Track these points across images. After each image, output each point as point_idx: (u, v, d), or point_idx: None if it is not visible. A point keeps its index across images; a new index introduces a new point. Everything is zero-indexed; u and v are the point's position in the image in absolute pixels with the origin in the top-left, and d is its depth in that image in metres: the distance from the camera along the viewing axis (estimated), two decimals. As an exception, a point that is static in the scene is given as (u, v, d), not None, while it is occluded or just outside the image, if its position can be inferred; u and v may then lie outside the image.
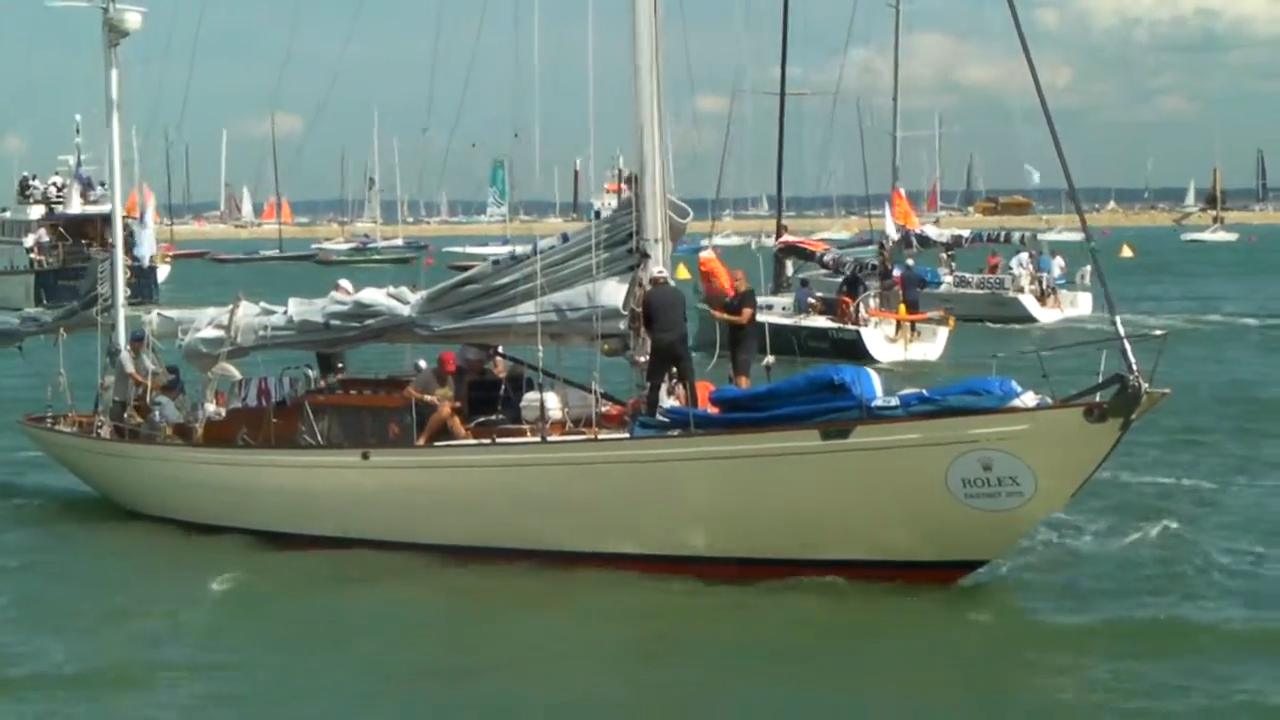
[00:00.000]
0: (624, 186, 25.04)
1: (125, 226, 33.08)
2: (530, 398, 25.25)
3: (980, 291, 69.96)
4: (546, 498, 23.70)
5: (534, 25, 25.85)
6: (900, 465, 21.43)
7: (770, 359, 25.34)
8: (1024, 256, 70.49)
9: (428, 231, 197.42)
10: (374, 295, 27.38)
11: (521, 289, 25.33)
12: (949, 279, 69.18)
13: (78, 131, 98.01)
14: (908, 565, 22.11)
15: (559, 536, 23.77)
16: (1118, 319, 20.70)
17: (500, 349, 26.99)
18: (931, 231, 74.11)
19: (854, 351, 47.98)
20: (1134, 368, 20.35)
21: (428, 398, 25.25)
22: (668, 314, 24.11)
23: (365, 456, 25.27)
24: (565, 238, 25.66)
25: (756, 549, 22.61)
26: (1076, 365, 22.96)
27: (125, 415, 29.68)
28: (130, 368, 29.92)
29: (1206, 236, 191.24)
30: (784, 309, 39.00)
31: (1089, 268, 23.41)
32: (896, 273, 46.80)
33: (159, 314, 30.38)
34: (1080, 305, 67.38)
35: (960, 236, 76.24)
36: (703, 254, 31.15)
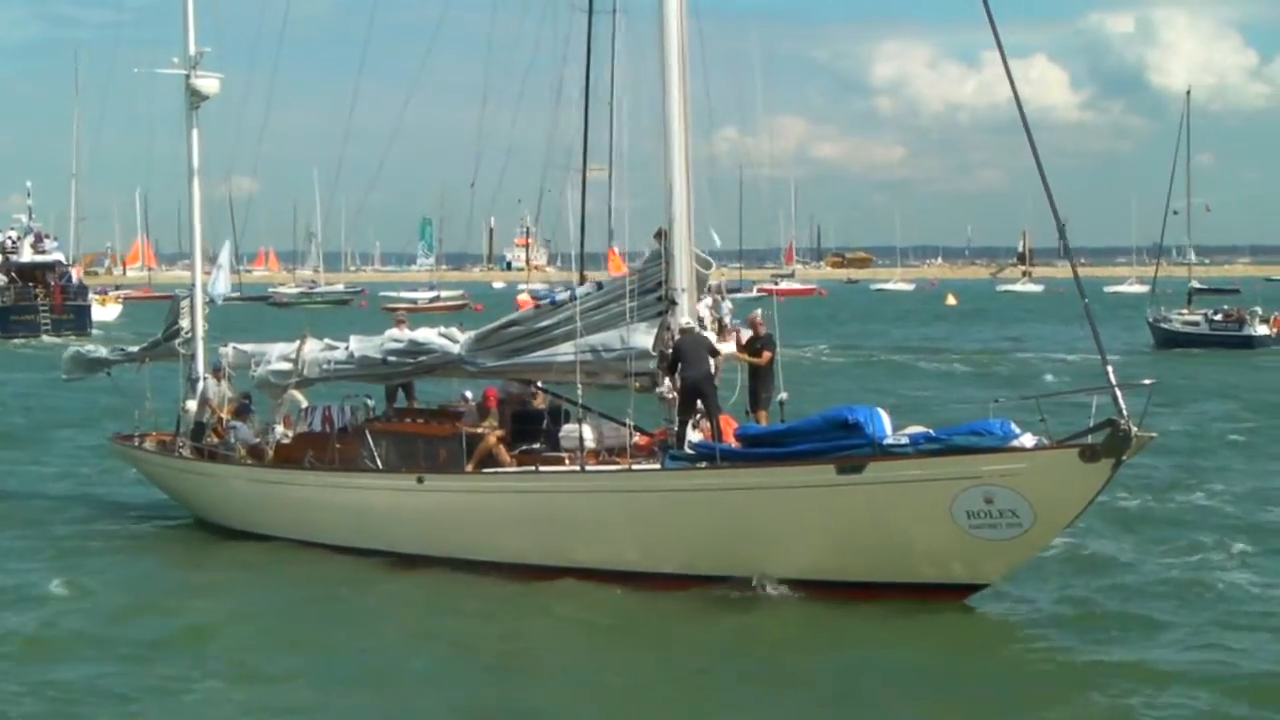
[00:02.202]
0: (655, 239, 23.79)
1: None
2: (568, 429, 24.19)
3: None
4: (584, 521, 22.58)
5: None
6: (909, 497, 20.30)
7: (784, 395, 24.09)
8: (709, 300, 69.16)
9: (364, 278, 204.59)
10: (427, 335, 26.41)
11: (561, 331, 24.37)
12: None
13: (29, 195, 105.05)
14: (916, 587, 20.85)
15: (594, 556, 22.60)
16: (1109, 367, 19.49)
17: (540, 384, 25.86)
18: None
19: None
20: (1124, 412, 19.16)
21: (477, 429, 24.13)
22: (694, 356, 23.00)
23: (420, 480, 24.09)
24: (600, 286, 24.56)
25: (777, 570, 21.40)
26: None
27: (204, 436, 28.51)
28: (211, 394, 28.83)
29: (1017, 287, 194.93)
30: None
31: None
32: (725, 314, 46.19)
33: (234, 347, 29.20)
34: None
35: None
36: (519, 298, 30.57)
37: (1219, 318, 78.83)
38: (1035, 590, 21.79)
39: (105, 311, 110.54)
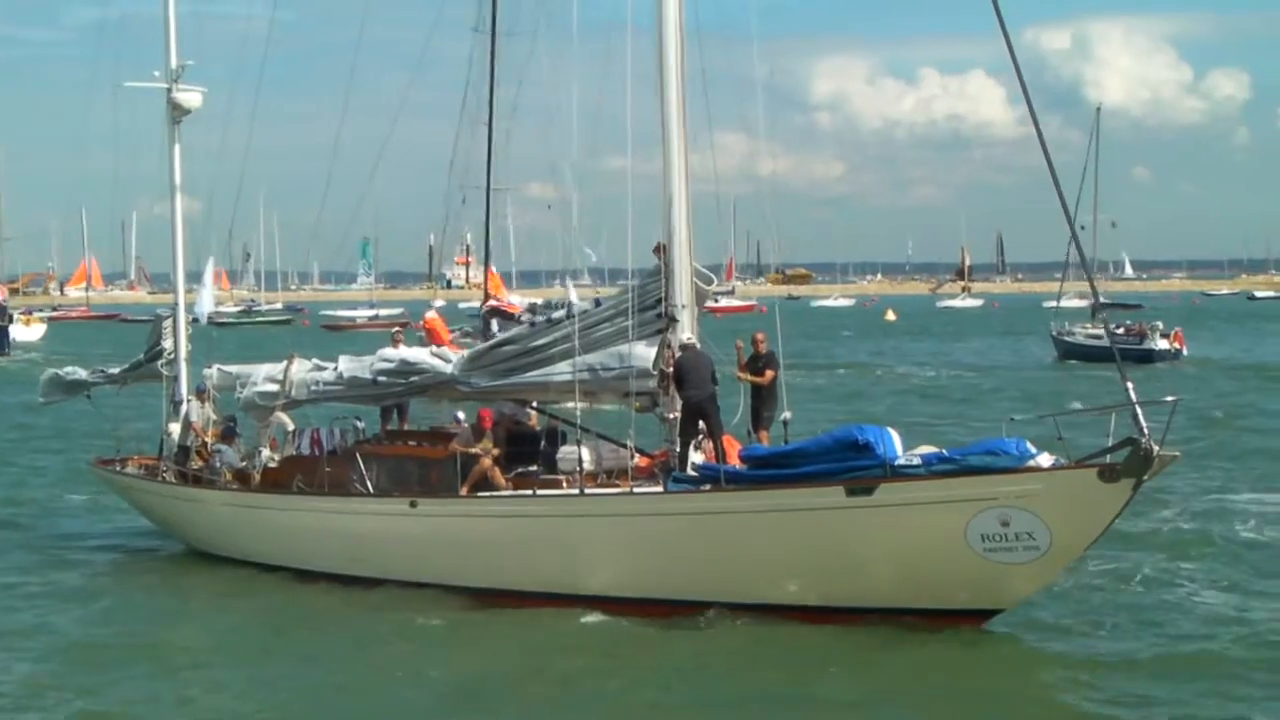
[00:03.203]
0: (654, 254, 23.11)
1: None
2: (566, 450, 23.50)
3: None
4: (584, 546, 21.92)
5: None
6: (922, 520, 19.64)
7: (788, 414, 23.44)
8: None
9: (304, 297, 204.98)
10: (419, 354, 25.67)
11: (557, 349, 23.69)
12: None
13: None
14: (928, 613, 20.20)
15: (595, 582, 21.94)
16: (1130, 385, 18.83)
17: (535, 404, 25.19)
18: (518, 299, 70.98)
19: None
20: (1145, 431, 18.51)
21: (471, 451, 23.44)
22: (697, 375, 22.41)
23: (413, 504, 23.40)
24: (598, 303, 23.82)
25: (783, 597, 20.73)
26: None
27: (188, 460, 27.80)
28: (195, 417, 28.11)
29: (956, 303, 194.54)
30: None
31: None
32: None
33: (219, 368, 28.49)
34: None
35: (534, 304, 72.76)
36: (426, 314, 30.36)
37: (1121, 332, 78.64)
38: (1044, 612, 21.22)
39: (28, 332, 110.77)
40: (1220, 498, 31.21)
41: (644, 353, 22.89)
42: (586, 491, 22.19)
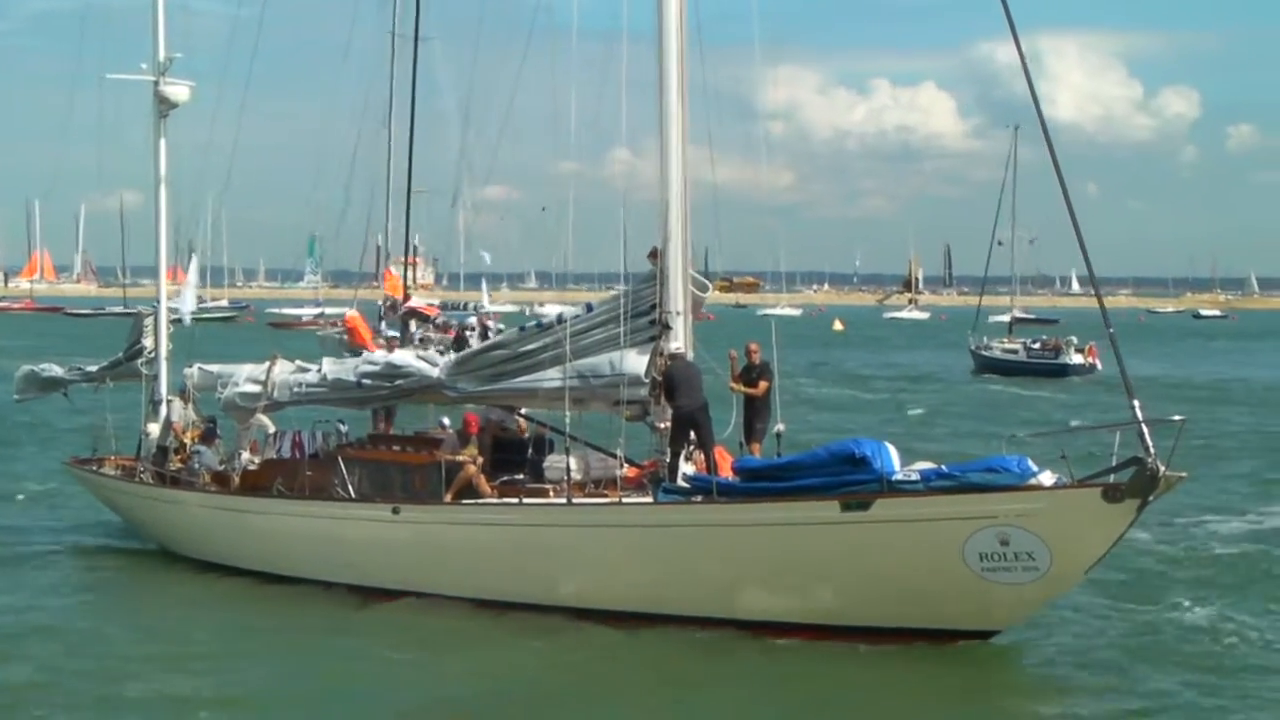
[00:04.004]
0: (649, 259, 22.59)
1: None
2: (553, 459, 22.98)
3: None
4: (571, 557, 21.38)
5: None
6: (919, 538, 19.13)
7: (781, 426, 22.94)
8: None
9: (249, 294, 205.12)
10: (404, 357, 25.19)
11: (547, 355, 23.11)
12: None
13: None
14: (923, 632, 19.68)
15: (580, 594, 21.40)
16: (1136, 402, 18.31)
17: (523, 410, 24.67)
18: (416, 301, 69.84)
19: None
20: (1151, 450, 18.01)
21: (457, 457, 22.91)
22: (689, 384, 21.89)
23: (396, 511, 22.87)
24: (589, 308, 23.23)
25: (775, 613, 20.21)
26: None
27: (167, 461, 27.21)
28: (175, 417, 27.50)
29: (903, 315, 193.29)
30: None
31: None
32: (489, 334, 45.76)
33: (200, 368, 27.91)
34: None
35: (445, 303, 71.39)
36: (347, 313, 30.58)
37: (1037, 346, 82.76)
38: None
39: None
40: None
41: (636, 360, 22.35)
42: (574, 501, 21.67)
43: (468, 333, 41.61)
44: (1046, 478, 18.93)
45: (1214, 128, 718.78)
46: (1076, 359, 79.80)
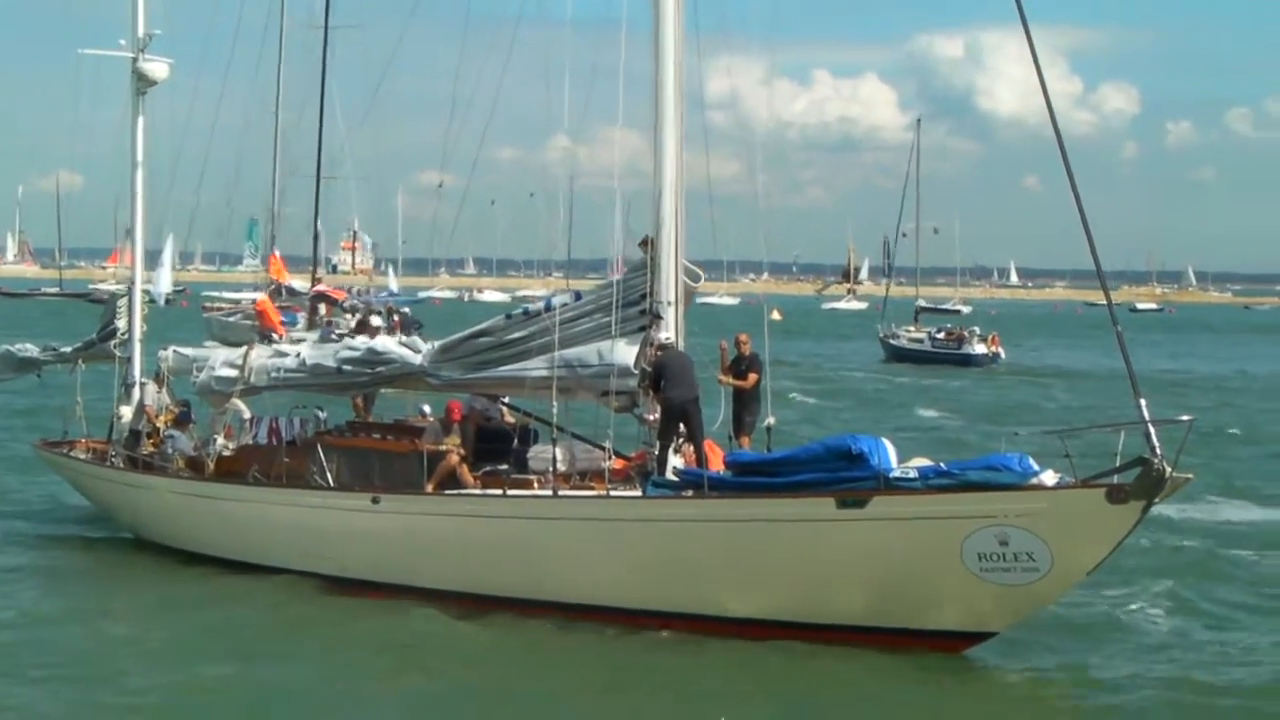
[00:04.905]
0: (640, 248, 22.01)
1: None
2: (538, 449, 22.35)
3: None
4: (556, 551, 20.73)
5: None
6: (916, 536, 18.58)
7: (771, 419, 22.40)
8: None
9: (188, 277, 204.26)
10: (387, 343, 24.45)
11: (534, 344, 22.43)
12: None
13: None
14: (919, 633, 19.14)
15: (565, 589, 20.77)
16: (1142, 401, 17.77)
17: (507, 399, 24.05)
18: (296, 284, 69.07)
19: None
20: (1158, 451, 17.49)
21: (440, 447, 22.27)
22: (680, 375, 21.25)
23: (375, 500, 22.23)
24: (578, 296, 22.62)
25: (766, 611, 19.64)
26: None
27: (139, 445, 26.52)
28: (149, 400, 26.82)
29: (841, 305, 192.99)
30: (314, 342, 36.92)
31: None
32: (396, 317, 45.36)
33: (175, 350, 27.25)
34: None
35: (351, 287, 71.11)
36: (258, 297, 29.25)
37: (941, 336, 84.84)
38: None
39: None
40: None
41: (625, 350, 21.75)
42: (560, 493, 21.07)
43: (372, 317, 40.75)
44: (1048, 477, 18.36)
45: (1153, 124, 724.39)
46: (980, 349, 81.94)
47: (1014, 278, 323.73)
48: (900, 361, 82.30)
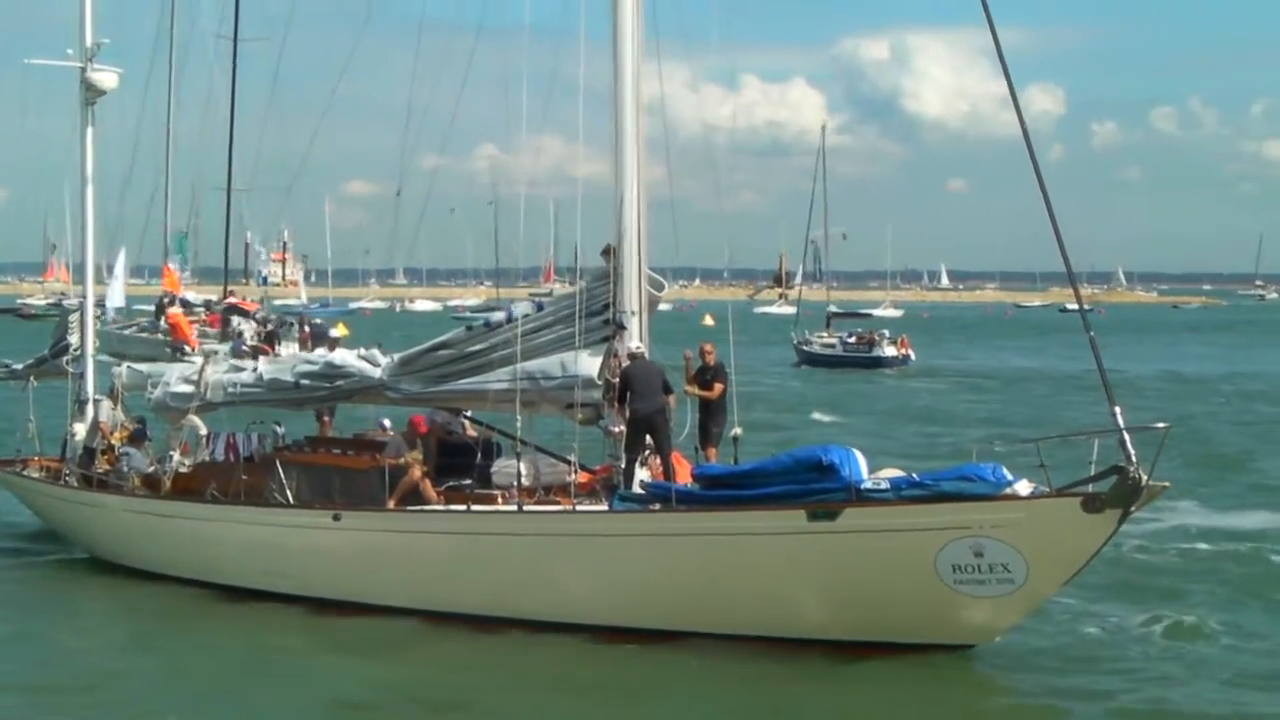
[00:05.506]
0: (602, 256, 21.61)
1: None
2: (502, 463, 21.91)
3: None
4: (521, 567, 20.29)
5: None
6: (889, 548, 18.23)
7: (738, 430, 22.02)
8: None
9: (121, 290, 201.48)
10: (345, 356, 23.95)
11: (496, 355, 22.00)
12: None
13: None
14: (893, 646, 18.76)
15: (531, 606, 20.32)
16: (1117, 409, 17.45)
17: (469, 413, 23.60)
18: (191, 296, 68.25)
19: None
20: (1133, 459, 17.17)
21: (402, 462, 21.80)
22: (646, 386, 20.88)
23: (336, 517, 21.75)
24: (540, 306, 22.19)
25: (738, 625, 19.23)
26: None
27: (94, 463, 25.95)
28: (103, 417, 26.23)
29: (773, 309, 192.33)
30: (225, 353, 36.94)
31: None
32: (306, 329, 45.29)
33: (129, 366, 26.69)
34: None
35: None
36: (169, 310, 28.79)
37: (852, 340, 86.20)
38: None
39: None
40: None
41: (589, 361, 21.36)
42: (525, 508, 20.63)
43: (281, 328, 40.79)
44: (1023, 487, 18.06)
45: (1079, 124, 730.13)
46: (890, 351, 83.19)
47: (945, 280, 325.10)
48: (813, 365, 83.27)
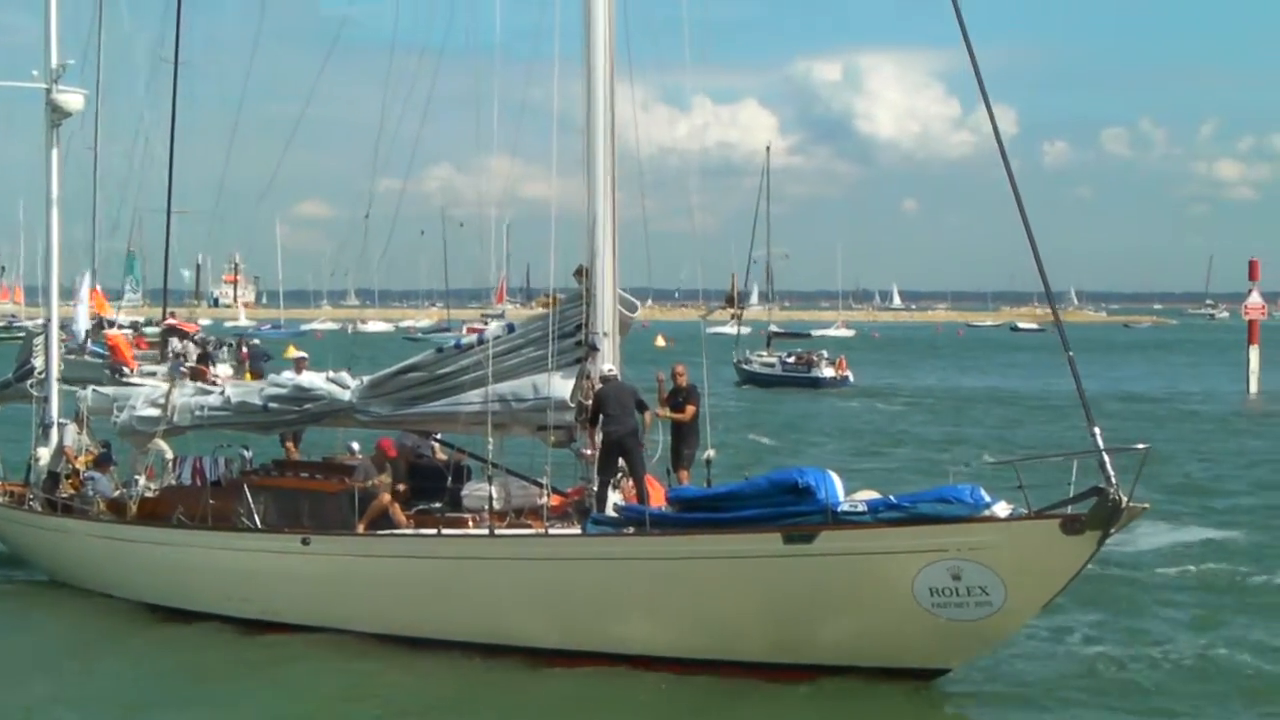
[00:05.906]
0: (575, 277, 21.35)
1: None
2: (473, 486, 21.60)
3: None
4: (493, 591, 19.96)
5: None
6: (866, 572, 17.94)
7: (712, 452, 21.77)
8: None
9: (69, 312, 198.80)
10: (313, 379, 23.57)
11: (467, 378, 21.70)
12: None
13: None
14: (869, 670, 18.46)
15: (503, 631, 19.98)
16: (1097, 430, 17.25)
17: (439, 436, 23.28)
18: (122, 318, 67.56)
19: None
20: (1113, 480, 16.96)
21: (372, 485, 21.49)
22: (618, 408, 20.59)
23: (305, 542, 21.39)
24: (511, 328, 21.91)
25: (713, 650, 18.93)
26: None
27: (58, 488, 25.57)
28: (68, 441, 25.87)
29: (727, 329, 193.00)
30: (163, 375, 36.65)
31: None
32: (244, 350, 45.01)
33: (94, 390, 26.27)
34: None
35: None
36: (108, 332, 28.95)
37: (791, 360, 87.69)
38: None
39: None
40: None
41: (561, 383, 21.08)
42: (496, 532, 20.31)
43: (213, 349, 40.36)
44: (1001, 508, 17.78)
45: (1031, 144, 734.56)
46: (828, 372, 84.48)
47: (897, 300, 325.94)
48: (753, 385, 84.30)
